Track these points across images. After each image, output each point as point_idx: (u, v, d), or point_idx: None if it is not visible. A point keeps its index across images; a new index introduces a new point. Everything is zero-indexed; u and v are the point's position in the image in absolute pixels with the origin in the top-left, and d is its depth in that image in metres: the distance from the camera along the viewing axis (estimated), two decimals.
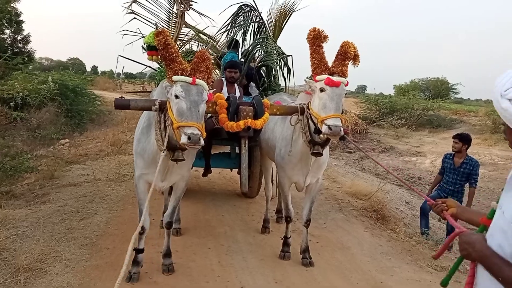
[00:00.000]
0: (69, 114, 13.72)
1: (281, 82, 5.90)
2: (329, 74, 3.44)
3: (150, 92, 5.24)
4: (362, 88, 74.36)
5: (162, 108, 3.11)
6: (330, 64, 3.53)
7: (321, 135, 3.39)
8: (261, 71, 6.08)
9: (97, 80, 37.26)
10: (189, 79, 2.98)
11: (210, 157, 5.33)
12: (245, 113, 3.51)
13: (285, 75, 5.85)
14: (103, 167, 7.69)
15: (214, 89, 3.39)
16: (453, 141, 5.79)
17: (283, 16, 6.40)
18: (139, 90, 12.20)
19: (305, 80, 3.67)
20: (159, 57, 4.48)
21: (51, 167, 7.25)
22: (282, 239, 4.40)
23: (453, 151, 5.80)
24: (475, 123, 23.65)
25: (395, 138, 18.27)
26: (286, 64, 5.91)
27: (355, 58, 3.59)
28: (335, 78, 3.37)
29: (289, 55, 6.00)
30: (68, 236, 4.35)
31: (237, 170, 6.66)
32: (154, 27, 5.12)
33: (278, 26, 6.46)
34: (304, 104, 3.69)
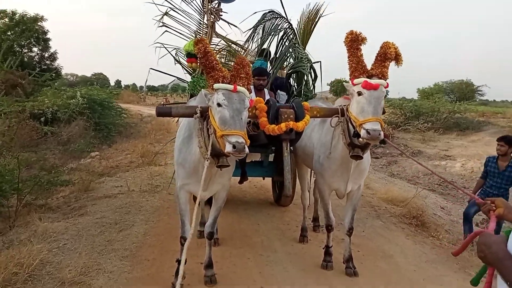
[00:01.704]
0: (97, 127, 14.01)
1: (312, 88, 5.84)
2: (367, 77, 3.35)
3: (185, 103, 5.23)
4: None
5: (204, 115, 3.08)
6: (369, 67, 3.45)
7: (360, 139, 3.30)
8: (291, 79, 6.03)
9: (122, 94, 38.06)
10: (231, 87, 2.95)
11: (246, 165, 5.28)
12: (286, 116, 3.46)
13: (313, 81, 5.80)
14: (136, 179, 7.73)
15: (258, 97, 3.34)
16: (499, 144, 5.56)
17: (311, 21, 6.33)
18: (174, 102, 12.27)
19: (343, 84, 3.59)
20: (198, 64, 4.53)
21: (85, 180, 7.34)
22: (323, 248, 4.29)
23: (498, 154, 5.58)
24: (504, 124, 23.08)
25: (422, 142, 17.88)
26: (314, 70, 5.85)
27: (397, 58, 3.48)
28: (373, 81, 3.29)
29: (317, 62, 5.95)
30: (109, 248, 4.36)
31: (270, 178, 6.62)
32: (190, 37, 5.15)
33: (307, 32, 6.40)
34: (344, 105, 3.61)
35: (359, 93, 3.30)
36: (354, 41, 3.44)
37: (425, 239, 5.41)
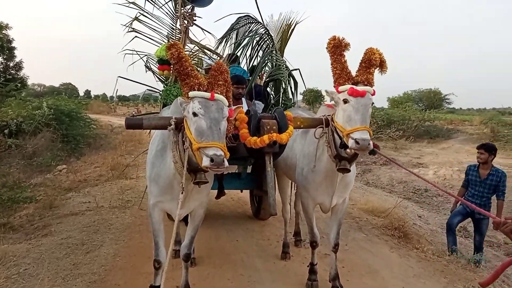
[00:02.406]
0: (65, 139, 13.39)
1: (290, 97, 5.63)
2: (353, 84, 3.16)
3: (158, 113, 4.91)
4: None
5: (179, 126, 2.80)
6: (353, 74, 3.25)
7: (347, 150, 3.08)
8: (268, 87, 5.81)
9: (91, 104, 37.15)
10: (207, 95, 2.68)
11: (223, 178, 4.99)
12: (268, 127, 3.21)
13: (293, 89, 5.60)
14: (105, 193, 7.32)
15: (237, 106, 3.07)
16: (478, 152, 5.51)
17: (288, 27, 6.14)
18: (146, 113, 11.76)
19: (326, 92, 3.38)
20: (171, 71, 4.22)
21: (50, 196, 6.87)
22: (307, 266, 4.04)
23: (478, 162, 5.51)
24: (472, 132, 23.65)
25: (394, 150, 18.04)
26: (293, 78, 5.66)
27: (382, 65, 3.30)
28: (360, 88, 3.08)
29: (296, 69, 5.76)
30: (75, 273, 3.97)
31: (248, 191, 6.35)
32: (162, 42, 4.83)
33: (284, 40, 6.20)
34: (328, 115, 3.39)
35: (345, 101, 3.09)
36: (337, 47, 3.24)
37: (409, 251, 5.24)
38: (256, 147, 3.18)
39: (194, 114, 2.61)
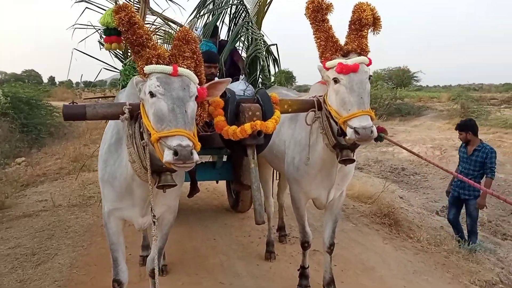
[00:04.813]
0: (24, 129, 12.36)
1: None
2: (343, 56, 2.56)
3: (114, 97, 4.20)
4: None
5: (136, 114, 2.15)
6: (343, 41, 2.65)
7: (347, 138, 2.49)
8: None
9: (55, 91, 35.44)
10: (169, 69, 2.03)
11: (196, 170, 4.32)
12: (250, 113, 2.56)
13: (271, 67, 4.99)
14: (64, 189, 6.56)
15: (219, 81, 2.41)
16: (458, 133, 5.38)
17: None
18: (99, 97, 10.76)
19: (318, 68, 2.76)
20: (123, 43, 3.45)
21: (3, 194, 6.08)
22: (298, 270, 3.50)
23: (462, 142, 5.39)
24: (442, 108, 23.80)
25: None
26: (272, 54, 5.04)
27: (376, 23, 2.68)
28: (350, 61, 2.48)
29: (273, 44, 5.12)
30: None
31: (225, 181, 5.74)
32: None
33: (260, 12, 5.53)
34: (320, 96, 2.79)
35: (336, 80, 2.49)
36: (317, 11, 2.61)
37: (404, 242, 4.81)
38: (235, 138, 2.55)
39: (152, 95, 1.97)
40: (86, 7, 4.29)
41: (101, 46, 4.36)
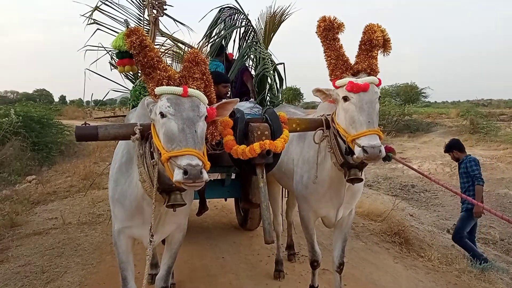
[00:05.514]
0: (35, 147, 12.57)
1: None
2: (353, 75, 2.59)
3: (125, 116, 4.25)
4: None
5: (146, 134, 2.19)
6: (353, 60, 2.68)
7: (354, 157, 2.50)
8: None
9: (66, 110, 35.92)
10: (179, 90, 2.08)
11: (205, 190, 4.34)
12: (259, 133, 2.59)
13: (278, 85, 5.03)
14: (74, 207, 6.60)
15: (227, 101, 2.42)
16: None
17: (273, 19, 5.53)
18: (109, 116, 10.89)
19: (314, 91, 2.77)
20: (135, 65, 3.52)
21: (11, 212, 6.13)
22: None
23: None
24: (451, 124, 23.70)
25: None
26: (279, 73, 5.09)
27: (386, 45, 2.72)
28: (361, 80, 2.51)
29: (281, 63, 5.18)
30: None
31: (233, 199, 5.75)
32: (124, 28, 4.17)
33: (268, 31, 5.60)
34: (328, 115, 2.81)
35: (345, 99, 2.52)
36: (329, 30, 2.66)
37: (415, 261, 4.74)
38: (244, 158, 2.57)
39: (162, 115, 2.01)
40: (98, 29, 4.38)
41: (112, 67, 4.44)
